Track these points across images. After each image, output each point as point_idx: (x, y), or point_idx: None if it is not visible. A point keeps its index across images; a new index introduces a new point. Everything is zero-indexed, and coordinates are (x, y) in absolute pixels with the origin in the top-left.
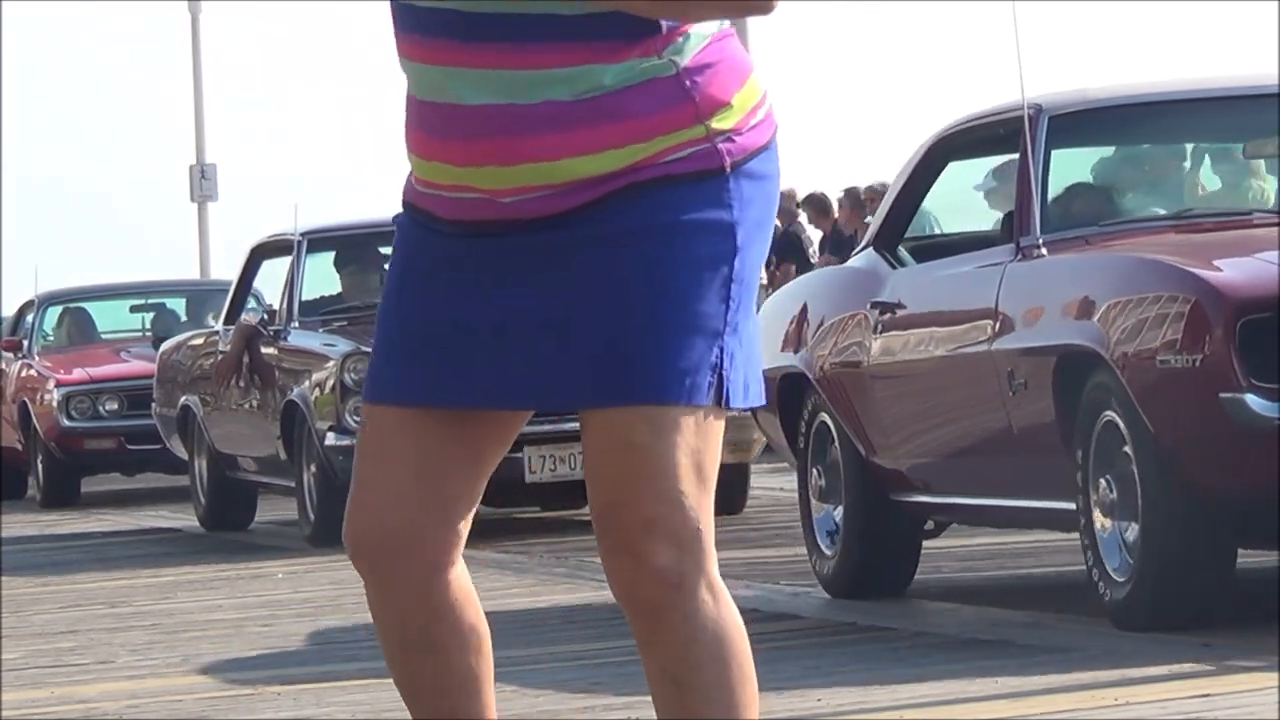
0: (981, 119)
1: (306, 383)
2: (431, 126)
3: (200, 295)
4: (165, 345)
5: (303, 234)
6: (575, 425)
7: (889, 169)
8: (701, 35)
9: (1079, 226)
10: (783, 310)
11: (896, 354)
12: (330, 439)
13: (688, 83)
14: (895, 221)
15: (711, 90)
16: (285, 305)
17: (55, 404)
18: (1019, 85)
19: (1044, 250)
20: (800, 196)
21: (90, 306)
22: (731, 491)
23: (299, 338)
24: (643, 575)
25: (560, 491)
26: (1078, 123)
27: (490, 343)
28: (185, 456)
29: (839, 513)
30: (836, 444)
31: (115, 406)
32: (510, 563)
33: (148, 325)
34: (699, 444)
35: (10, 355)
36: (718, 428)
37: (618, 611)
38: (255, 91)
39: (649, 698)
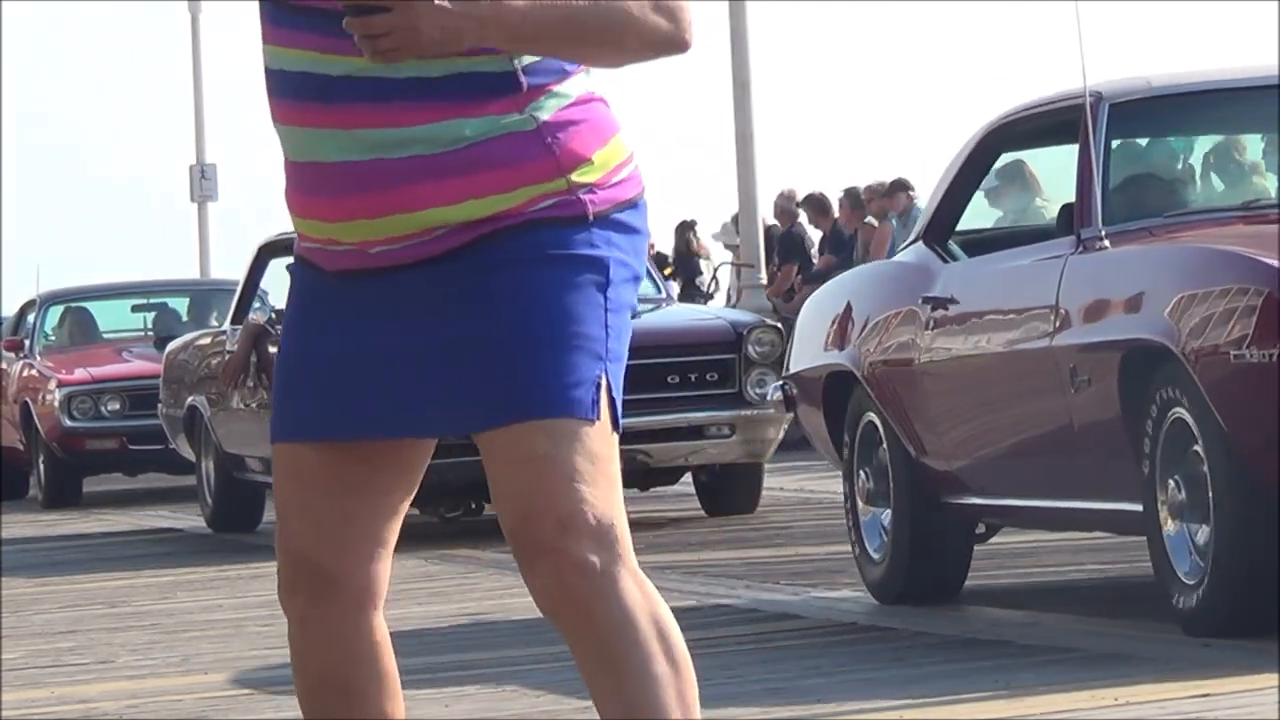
0: (1037, 108)
1: None
2: (302, 185)
3: (202, 295)
4: (171, 345)
5: None
6: None
7: (889, 169)
8: (565, 95)
9: (1142, 218)
10: (825, 308)
11: (950, 351)
12: None
13: (549, 138)
14: (946, 215)
15: (572, 146)
16: None
17: (57, 404)
18: (1080, 71)
19: (1107, 242)
20: (800, 197)
21: (92, 306)
22: (746, 491)
23: None
24: (567, 573)
25: None
26: (1139, 111)
27: (384, 375)
28: (192, 457)
29: (887, 516)
30: (884, 445)
31: (117, 406)
32: (510, 563)
33: (149, 325)
34: (599, 450)
35: (12, 355)
36: (613, 440)
37: None
38: (255, 91)
39: None
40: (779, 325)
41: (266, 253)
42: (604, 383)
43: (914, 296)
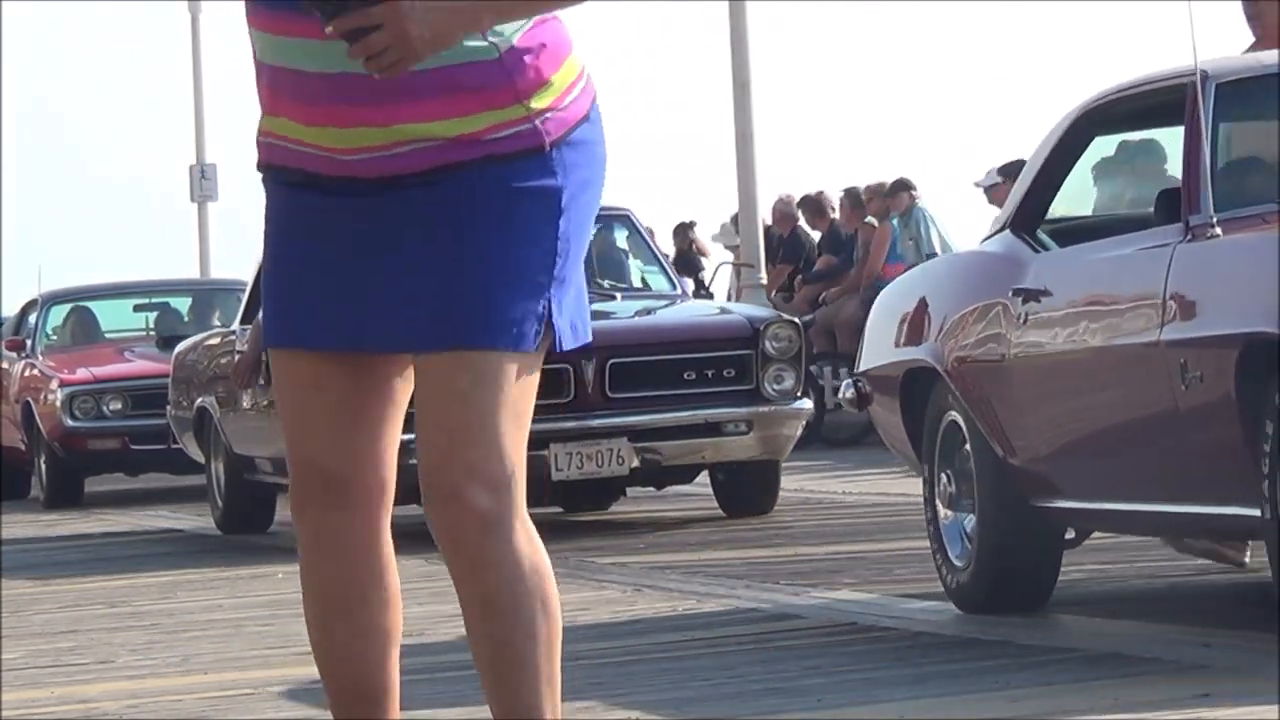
0: (1134, 88)
1: None
2: (278, 86)
3: (204, 294)
4: (180, 346)
5: None
6: (600, 423)
7: (889, 169)
8: (526, 20)
9: (1253, 204)
10: (900, 302)
11: (1044, 346)
12: None
13: (510, 64)
14: (1035, 202)
15: (530, 72)
16: None
17: (59, 404)
18: (1190, 48)
19: (1218, 230)
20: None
21: (94, 306)
22: (762, 490)
23: None
24: (464, 518)
25: (585, 491)
26: (1246, 91)
27: (346, 289)
28: (201, 459)
29: (970, 521)
30: (968, 445)
31: (119, 406)
32: None
33: (151, 325)
34: (517, 392)
35: (13, 354)
36: (535, 375)
37: (617, 612)
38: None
39: (649, 698)
40: (796, 321)
41: None
42: (544, 312)
43: (1003, 288)
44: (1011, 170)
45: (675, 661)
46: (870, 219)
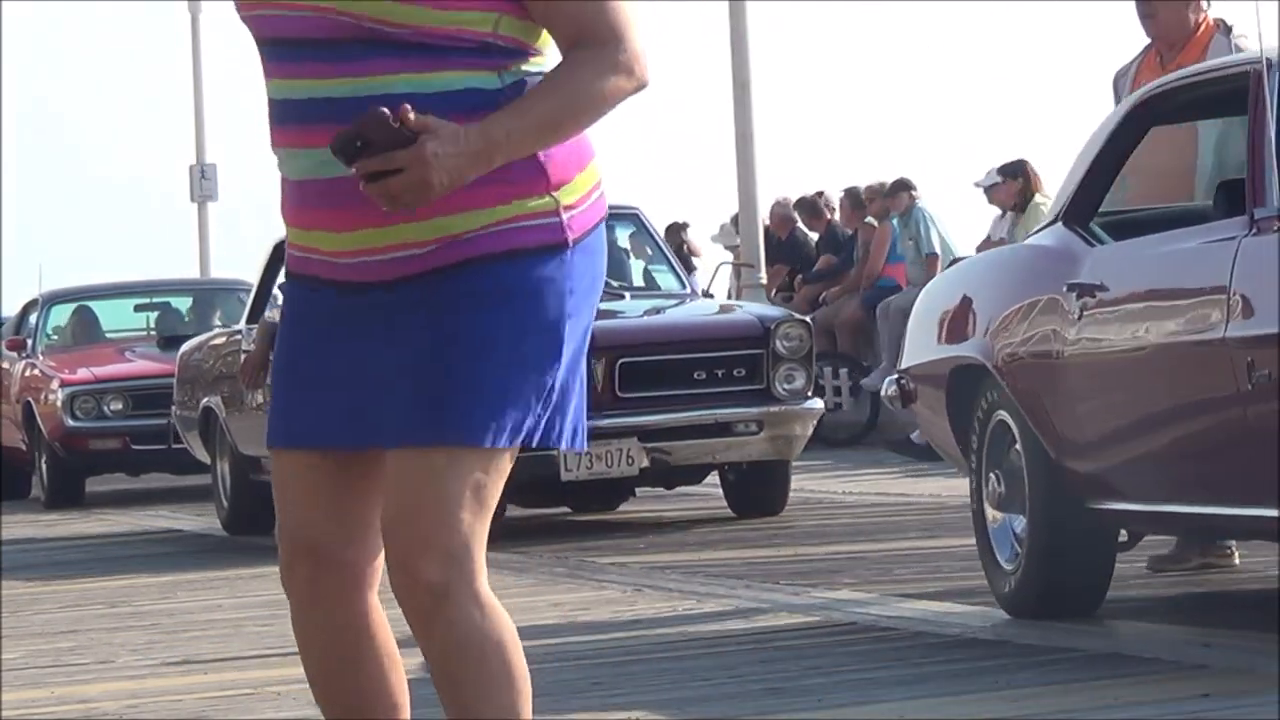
0: (1194, 76)
1: None
2: (301, 200)
3: (205, 294)
4: (185, 346)
5: None
6: (610, 422)
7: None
8: None
9: None
10: (945, 297)
11: (1101, 342)
12: None
13: (540, 156)
14: (1088, 194)
15: (560, 167)
16: None
17: (59, 404)
18: (1256, 34)
19: None
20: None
21: (94, 305)
22: (773, 490)
23: None
24: (415, 588)
25: (595, 491)
26: None
27: (346, 390)
28: (207, 459)
29: (1020, 523)
30: (1019, 445)
31: (120, 406)
32: (510, 563)
33: (152, 324)
34: (486, 477)
35: (14, 354)
36: (508, 462)
37: (618, 611)
38: (255, 91)
39: (649, 698)
40: (807, 320)
41: (282, 249)
42: (541, 411)
43: (1055, 283)
44: (1011, 170)
45: (675, 661)
46: (870, 219)
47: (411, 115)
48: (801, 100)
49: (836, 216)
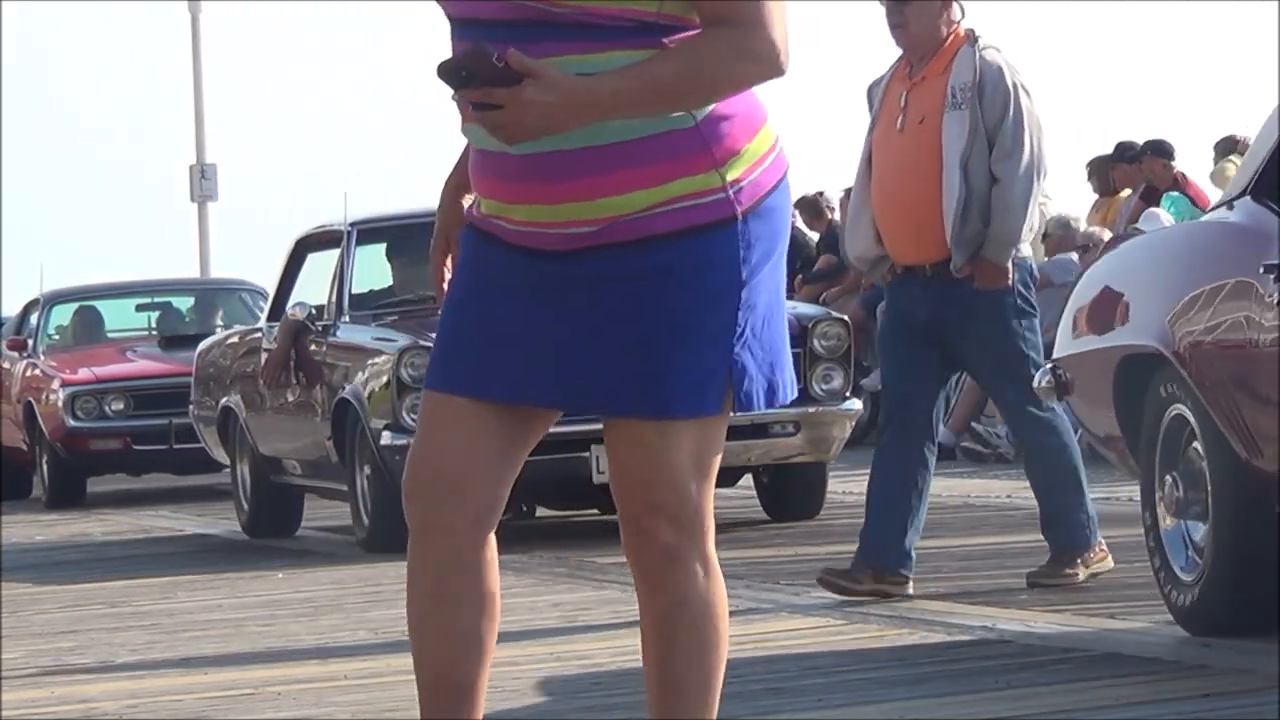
0: None
1: (359, 379)
2: (485, 170)
3: (207, 294)
4: (203, 344)
5: (352, 224)
6: None
7: None
8: None
9: None
10: (1110, 280)
11: None
12: (386, 438)
13: (705, 133)
14: None
15: (726, 140)
16: (334, 299)
17: (61, 404)
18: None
19: None
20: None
21: (96, 305)
22: (809, 492)
23: (349, 333)
24: (646, 548)
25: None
26: None
27: (531, 349)
28: (226, 460)
29: (1200, 529)
30: (1200, 443)
31: (121, 406)
32: (510, 563)
33: (154, 324)
34: (699, 445)
35: (15, 354)
36: (719, 428)
37: (618, 612)
38: (255, 91)
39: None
40: (845, 319)
41: (304, 247)
42: (728, 375)
43: (1248, 264)
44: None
45: None
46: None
47: (516, 58)
48: (802, 100)
49: (836, 216)
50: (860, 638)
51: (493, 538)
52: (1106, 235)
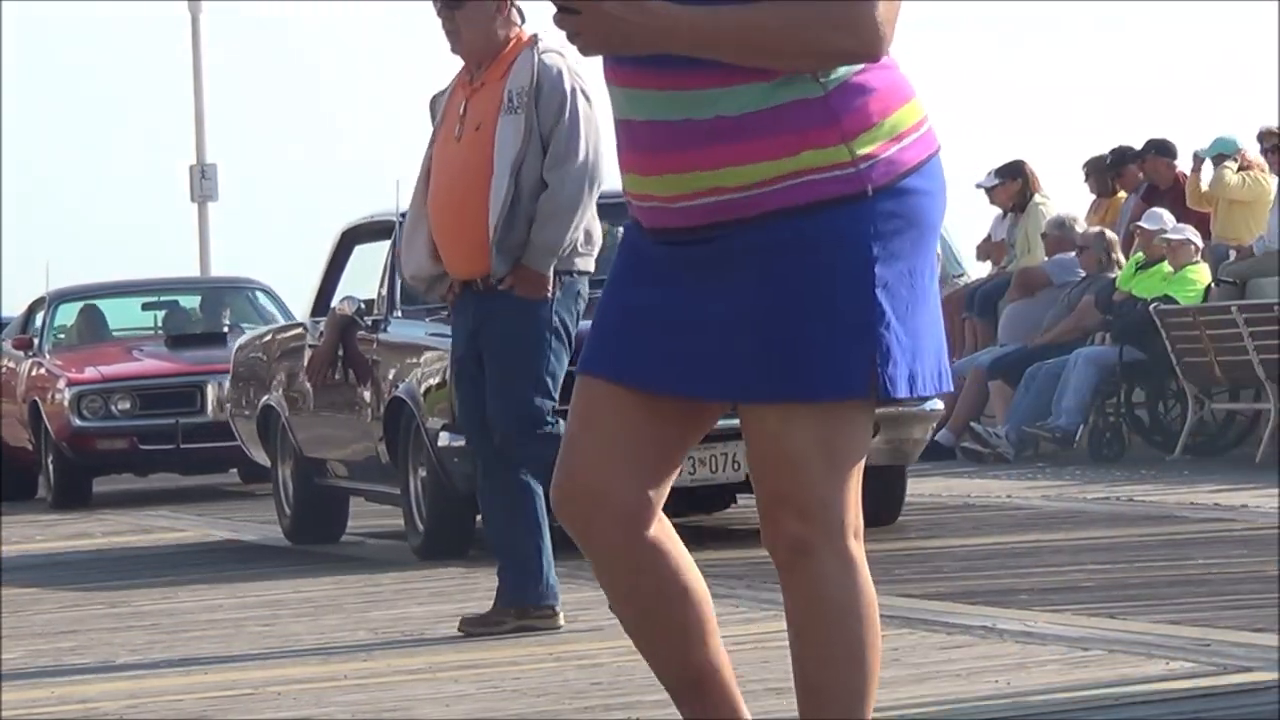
0: None
1: (414, 378)
2: (624, 143)
3: (214, 292)
4: (240, 340)
5: (403, 214)
6: (720, 425)
7: None
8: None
9: None
10: None
11: None
12: (444, 439)
13: (835, 104)
14: None
15: (858, 114)
16: (385, 293)
17: (66, 403)
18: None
19: None
20: None
21: (102, 304)
22: (886, 499)
23: (402, 328)
24: (777, 538)
25: (700, 496)
26: None
27: (675, 337)
28: (266, 462)
29: None
30: None
31: (127, 406)
32: None
33: (159, 323)
34: (828, 433)
35: (20, 353)
36: (851, 415)
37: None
38: (255, 91)
39: (649, 697)
40: None
41: (350, 238)
42: (872, 357)
43: None
44: (1009, 171)
45: None
46: None
47: None
48: None
49: None
50: None
51: (661, 522)
52: (1108, 234)
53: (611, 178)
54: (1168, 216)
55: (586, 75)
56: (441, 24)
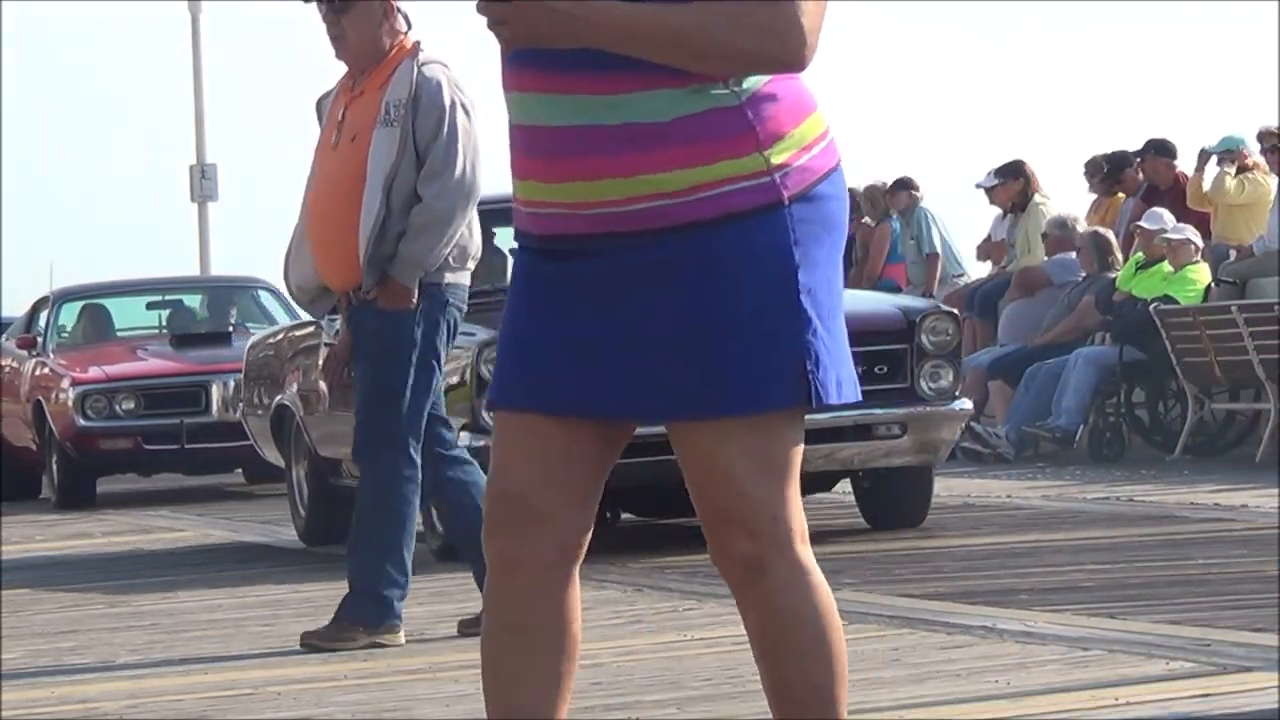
0: None
1: None
2: (523, 148)
3: (219, 292)
4: (253, 338)
5: None
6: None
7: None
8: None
9: None
10: None
11: None
12: (464, 439)
13: (750, 113)
14: None
15: (771, 122)
16: None
17: (71, 403)
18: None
19: None
20: None
21: (106, 303)
22: (913, 500)
23: None
24: (727, 560)
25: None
26: None
27: (587, 359)
28: (280, 463)
29: None
30: None
31: (132, 405)
32: None
33: (164, 323)
34: (764, 445)
35: (24, 353)
36: (785, 423)
37: (618, 611)
38: (255, 91)
39: (649, 697)
40: (954, 312)
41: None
42: (800, 365)
43: None
44: (1009, 171)
45: (675, 662)
46: (867, 219)
47: None
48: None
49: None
50: (860, 638)
51: (576, 578)
52: (1102, 234)
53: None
54: (1168, 216)
55: (467, 88)
56: (326, 28)
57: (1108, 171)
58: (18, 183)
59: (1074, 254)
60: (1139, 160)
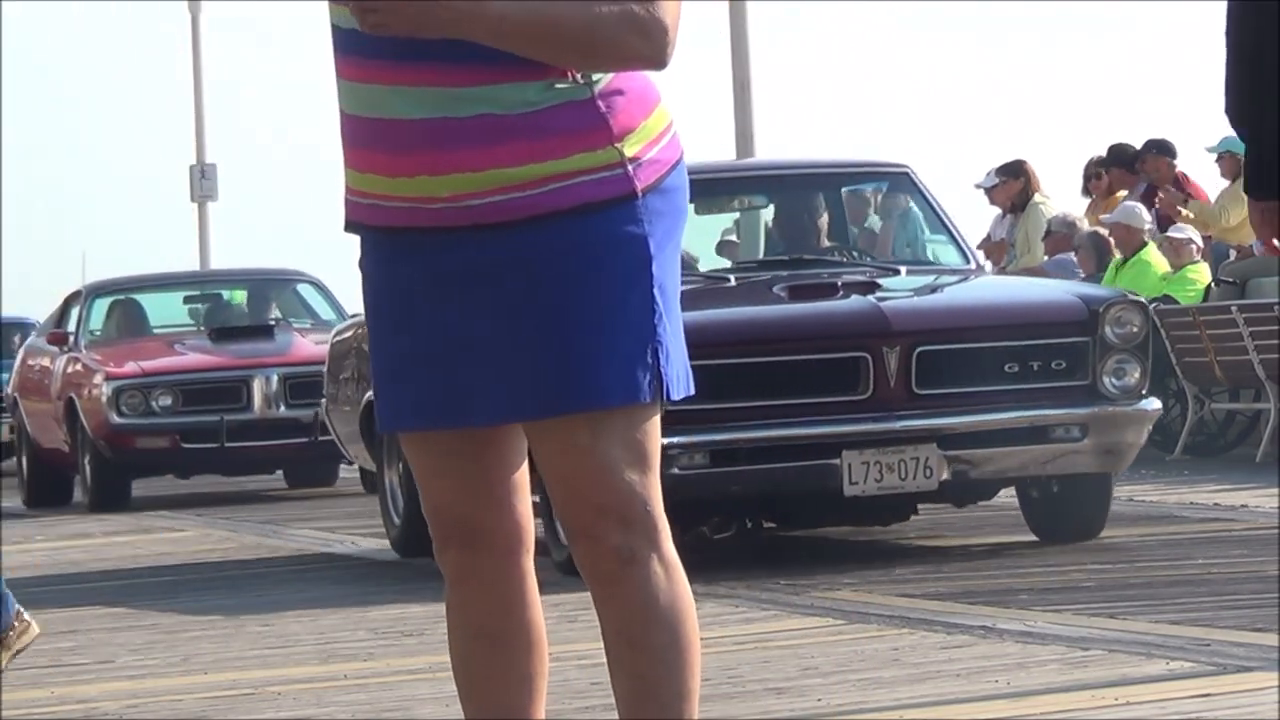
0: None
1: None
2: (362, 140)
3: (260, 285)
4: (337, 328)
5: None
6: (906, 425)
7: None
8: None
9: None
10: None
11: None
12: None
13: (602, 106)
14: None
15: (623, 116)
16: None
17: (104, 399)
18: None
19: None
20: None
21: (141, 298)
22: (1090, 509)
23: None
24: (599, 555)
25: (882, 506)
26: None
27: (457, 367)
28: (372, 467)
29: None
30: None
31: (169, 402)
32: None
33: (201, 318)
34: (635, 437)
35: (55, 349)
36: (649, 415)
37: None
38: (255, 91)
39: None
40: (1143, 301)
41: None
42: (653, 359)
43: None
44: (1010, 170)
45: None
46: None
47: None
48: (801, 100)
49: None
50: (860, 638)
51: (532, 571)
52: (1101, 234)
53: None
54: (1141, 209)
55: None
56: None
57: (1108, 160)
58: (18, 183)
59: (1073, 254)
60: (1140, 160)
